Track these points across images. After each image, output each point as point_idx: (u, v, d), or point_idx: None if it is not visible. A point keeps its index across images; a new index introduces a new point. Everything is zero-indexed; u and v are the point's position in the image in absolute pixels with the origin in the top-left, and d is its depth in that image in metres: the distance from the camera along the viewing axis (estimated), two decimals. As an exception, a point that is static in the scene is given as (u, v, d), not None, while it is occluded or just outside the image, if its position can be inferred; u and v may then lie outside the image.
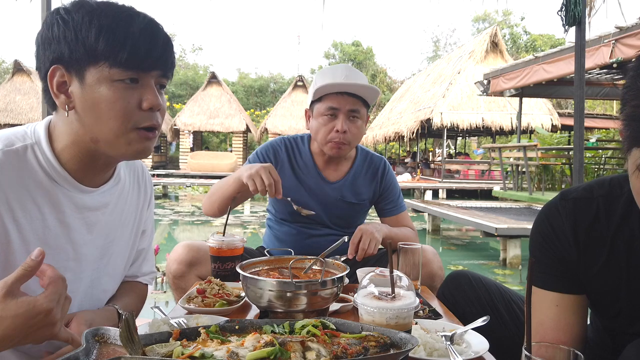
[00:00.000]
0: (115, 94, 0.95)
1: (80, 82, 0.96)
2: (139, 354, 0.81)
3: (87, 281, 1.13)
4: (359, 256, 1.74)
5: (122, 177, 1.20)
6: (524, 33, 35.07)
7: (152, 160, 20.76)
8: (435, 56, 39.67)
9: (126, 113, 0.97)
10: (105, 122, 0.97)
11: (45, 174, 1.01)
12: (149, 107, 0.99)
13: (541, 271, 1.08)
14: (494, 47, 16.77)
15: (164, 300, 4.08)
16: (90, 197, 1.09)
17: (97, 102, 0.96)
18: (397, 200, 2.12)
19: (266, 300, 1.19)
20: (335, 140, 1.90)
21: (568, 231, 1.04)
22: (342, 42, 36.78)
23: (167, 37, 1.01)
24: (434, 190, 14.80)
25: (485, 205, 9.01)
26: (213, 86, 21.98)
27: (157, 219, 9.90)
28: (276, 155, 2.03)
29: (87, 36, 0.93)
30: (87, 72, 0.95)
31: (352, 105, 1.88)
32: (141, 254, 1.34)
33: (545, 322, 1.05)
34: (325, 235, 2.03)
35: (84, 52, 0.94)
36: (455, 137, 24.30)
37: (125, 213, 1.22)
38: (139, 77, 0.98)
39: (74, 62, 0.95)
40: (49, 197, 1.01)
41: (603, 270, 1.02)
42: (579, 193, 1.07)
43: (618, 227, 1.00)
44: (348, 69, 1.92)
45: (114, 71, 0.94)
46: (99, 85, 0.95)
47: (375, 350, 0.85)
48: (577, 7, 3.19)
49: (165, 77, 1.04)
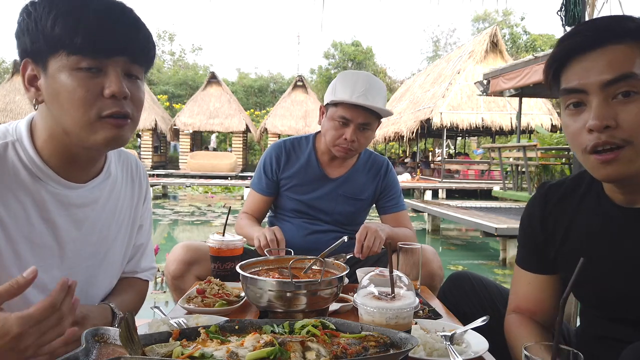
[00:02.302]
0: (73, 82, 0.92)
1: (44, 73, 0.94)
2: (138, 354, 0.81)
3: (81, 278, 1.11)
4: (364, 254, 1.75)
5: (113, 172, 1.18)
6: (523, 33, 35.08)
7: (151, 160, 20.76)
8: (435, 56, 39.69)
9: (86, 101, 0.93)
10: (67, 111, 0.94)
11: (27, 172, 0.99)
12: (110, 94, 0.94)
13: (520, 251, 1.25)
14: (494, 47, 16.77)
15: (163, 300, 4.08)
16: (76, 193, 1.07)
17: (58, 91, 0.93)
18: (398, 198, 2.16)
19: (266, 300, 1.19)
20: (342, 146, 1.94)
21: (538, 213, 1.19)
22: (342, 42, 36.75)
23: (135, 21, 0.96)
24: (434, 190, 14.80)
25: (485, 205, 9.01)
26: (213, 86, 21.94)
27: (157, 219, 9.89)
28: (278, 157, 2.10)
29: (45, 25, 0.90)
30: (49, 63, 0.93)
31: (365, 119, 1.91)
32: (139, 249, 1.32)
33: (519, 292, 1.23)
34: (325, 231, 2.07)
35: (44, 42, 0.91)
36: (455, 137, 24.30)
37: (119, 208, 1.19)
38: (102, 65, 0.93)
39: (36, 54, 0.94)
40: (32, 195, 0.99)
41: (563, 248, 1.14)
42: (553, 181, 1.22)
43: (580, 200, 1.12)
44: (369, 83, 1.89)
45: (72, 59, 0.91)
46: (59, 75, 0.92)
47: (375, 350, 0.85)
48: (576, 7, 3.19)
49: (135, 63, 0.98)
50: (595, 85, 0.93)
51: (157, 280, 4.62)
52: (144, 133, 20.45)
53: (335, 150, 1.97)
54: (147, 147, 20.72)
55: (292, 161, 2.10)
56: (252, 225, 2.04)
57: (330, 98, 1.94)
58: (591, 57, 0.95)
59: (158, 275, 4.63)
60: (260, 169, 2.12)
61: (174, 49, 48.18)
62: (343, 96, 1.87)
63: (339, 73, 2.03)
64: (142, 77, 1.03)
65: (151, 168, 20.19)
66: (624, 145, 0.92)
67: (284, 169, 2.08)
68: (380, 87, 1.94)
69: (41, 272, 1.01)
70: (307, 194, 2.08)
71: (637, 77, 0.90)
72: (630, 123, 0.90)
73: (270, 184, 2.10)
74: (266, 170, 2.10)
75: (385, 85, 2.01)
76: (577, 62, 0.97)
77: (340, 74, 2.00)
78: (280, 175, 2.09)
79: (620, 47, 0.93)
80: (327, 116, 1.97)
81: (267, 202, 2.15)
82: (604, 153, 0.93)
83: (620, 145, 0.92)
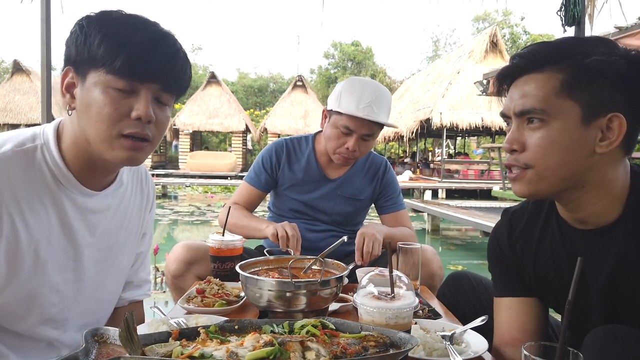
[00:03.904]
0: (105, 99, 0.97)
1: (82, 84, 0.99)
2: (138, 354, 0.81)
3: (91, 283, 1.14)
4: (365, 260, 1.77)
5: (125, 182, 1.22)
6: (523, 33, 35.05)
7: (151, 160, 20.75)
8: (434, 56, 39.67)
9: (112, 118, 0.98)
10: (93, 123, 0.99)
11: (51, 175, 1.03)
12: (137, 117, 0.99)
13: (495, 280, 1.25)
14: (494, 47, 16.77)
15: (163, 300, 4.08)
16: (92, 200, 1.11)
17: (90, 103, 0.98)
18: (397, 198, 2.16)
19: (266, 300, 1.19)
20: (343, 154, 1.93)
21: (506, 239, 1.21)
22: (342, 42, 36.74)
23: (176, 52, 1.02)
24: (434, 190, 14.79)
25: (484, 205, 9.01)
26: (212, 86, 21.94)
27: (157, 219, 9.88)
28: (278, 156, 2.09)
29: (93, 41, 0.97)
30: (88, 75, 0.98)
31: (368, 130, 1.89)
32: (139, 257, 1.35)
33: (502, 323, 1.20)
34: (324, 230, 2.07)
35: (87, 56, 0.97)
36: (454, 137, 24.29)
37: (127, 217, 1.23)
38: (135, 88, 0.99)
39: (78, 64, 0.99)
40: (53, 197, 1.03)
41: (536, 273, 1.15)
42: (516, 206, 1.24)
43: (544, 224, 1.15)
44: (375, 94, 1.86)
45: (109, 77, 0.97)
46: (95, 89, 0.98)
47: (374, 350, 0.85)
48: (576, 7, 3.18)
49: (166, 91, 1.03)
50: (511, 111, 1.02)
51: (157, 280, 4.62)
52: (144, 133, 20.40)
53: (335, 158, 1.96)
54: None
55: (292, 161, 2.10)
56: (252, 216, 2.04)
57: (334, 106, 1.90)
58: (518, 83, 1.02)
59: (158, 275, 4.63)
60: (260, 164, 2.10)
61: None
62: (348, 108, 1.85)
63: (346, 79, 1.98)
64: (171, 105, 1.08)
65: (151, 168, 20.18)
66: (527, 168, 1.00)
67: (284, 167, 2.08)
68: (387, 98, 1.92)
69: (56, 273, 1.04)
70: (306, 194, 2.08)
71: (538, 111, 0.97)
72: (532, 148, 0.98)
73: (269, 179, 2.09)
74: (266, 166, 2.09)
75: (391, 95, 1.98)
76: (512, 87, 1.04)
77: (346, 81, 1.95)
78: (279, 173, 2.09)
79: (539, 76, 0.98)
80: (330, 122, 1.94)
81: (261, 197, 2.14)
82: (512, 172, 1.03)
83: (524, 167, 1.00)
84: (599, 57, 0.94)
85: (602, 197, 0.99)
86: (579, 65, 0.95)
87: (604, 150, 0.95)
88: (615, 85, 0.93)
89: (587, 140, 0.95)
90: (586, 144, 0.95)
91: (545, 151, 0.97)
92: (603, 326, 0.95)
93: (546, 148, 0.96)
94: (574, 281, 0.78)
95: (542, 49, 1.01)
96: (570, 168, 0.97)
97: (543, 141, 0.97)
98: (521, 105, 0.99)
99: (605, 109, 0.93)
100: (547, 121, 0.96)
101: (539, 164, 0.98)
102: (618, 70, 0.93)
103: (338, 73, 35.17)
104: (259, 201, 2.15)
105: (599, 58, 0.94)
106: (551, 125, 0.96)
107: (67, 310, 1.09)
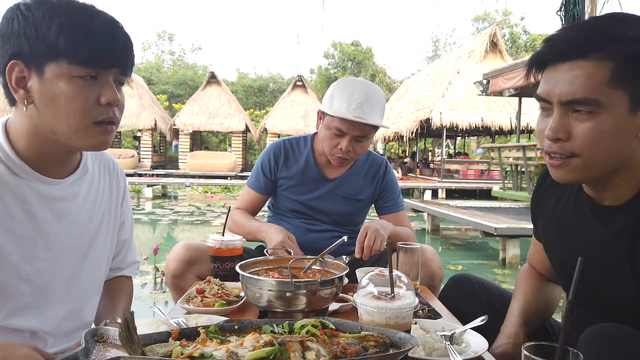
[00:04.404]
0: (74, 90, 0.97)
1: (39, 77, 0.98)
2: (138, 354, 0.81)
3: (66, 271, 1.14)
4: (365, 254, 1.73)
5: (90, 168, 1.21)
6: (523, 33, 35.05)
7: (151, 160, 20.75)
8: (434, 56, 39.67)
9: (85, 108, 0.99)
10: (64, 116, 0.99)
11: (5, 167, 1.02)
12: (107, 102, 1.01)
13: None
14: (494, 47, 16.77)
15: (163, 300, 4.08)
16: (56, 188, 1.10)
17: (56, 97, 0.98)
18: (397, 199, 2.16)
19: (265, 300, 1.19)
20: (338, 155, 1.93)
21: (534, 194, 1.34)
22: (342, 42, 36.73)
23: (127, 36, 1.04)
24: (434, 190, 14.80)
25: (484, 205, 9.01)
26: (212, 86, 21.93)
27: (157, 219, 9.89)
28: (276, 158, 2.09)
29: (47, 33, 0.94)
30: (46, 68, 0.97)
31: (360, 132, 1.88)
32: (124, 245, 1.37)
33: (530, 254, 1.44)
34: (324, 231, 2.07)
35: (44, 49, 0.95)
36: (454, 137, 24.30)
37: (98, 204, 1.23)
38: (98, 74, 1.00)
39: (33, 58, 0.97)
40: (11, 188, 1.03)
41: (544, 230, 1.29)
42: None
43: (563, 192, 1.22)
44: (366, 94, 1.85)
45: (73, 68, 0.96)
46: (58, 81, 0.97)
47: (374, 350, 0.85)
48: (576, 7, 3.18)
49: (124, 74, 1.06)
50: (556, 99, 0.99)
51: (157, 280, 4.62)
52: (144, 133, 20.42)
53: (332, 159, 1.96)
54: (146, 147, 20.71)
55: (291, 161, 2.10)
56: (254, 221, 2.04)
57: (326, 108, 1.91)
58: (560, 69, 0.98)
59: (158, 275, 4.63)
60: (259, 167, 2.11)
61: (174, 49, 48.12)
62: (339, 109, 1.84)
63: (337, 80, 1.97)
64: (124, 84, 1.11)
65: (151, 168, 20.18)
66: (572, 156, 0.99)
67: (282, 168, 2.08)
68: (379, 97, 1.90)
69: (25, 263, 1.04)
70: (306, 195, 2.08)
71: (590, 102, 0.94)
72: (580, 139, 0.97)
73: (269, 183, 2.10)
74: (264, 169, 2.09)
75: (384, 95, 1.97)
76: (550, 71, 1.01)
77: (338, 82, 1.95)
78: (278, 175, 2.09)
79: (586, 63, 0.94)
80: (324, 124, 1.94)
81: (263, 200, 2.15)
82: (554, 159, 1.02)
83: (569, 155, 0.99)
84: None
85: (630, 179, 1.02)
86: (629, 52, 0.92)
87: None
88: None
89: (632, 127, 0.95)
90: (632, 130, 0.95)
91: (594, 142, 0.95)
92: (597, 325, 0.95)
93: (595, 139, 0.95)
94: (574, 281, 0.78)
95: (585, 33, 0.97)
96: (615, 155, 0.98)
97: (593, 132, 0.95)
98: (570, 94, 0.96)
99: None
100: (598, 112, 0.94)
101: (586, 154, 0.97)
102: None
103: (338, 73, 35.18)
104: (262, 205, 2.17)
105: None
106: (602, 115, 0.94)
107: (43, 298, 1.09)
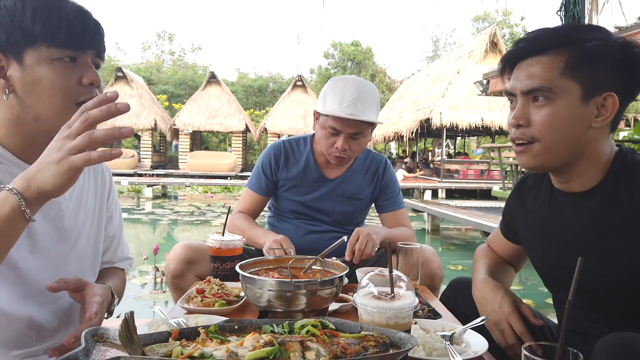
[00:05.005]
0: (55, 72, 0.99)
1: (19, 64, 0.99)
2: (138, 354, 0.81)
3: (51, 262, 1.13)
4: (356, 257, 1.75)
5: None
6: (523, 33, 34.96)
7: (151, 160, 20.75)
8: (434, 56, 39.68)
9: (67, 89, 1.01)
10: (47, 100, 1.00)
11: None
12: (89, 82, 1.03)
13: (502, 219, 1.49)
14: (494, 47, 16.77)
15: (163, 300, 4.08)
16: None
17: (38, 81, 0.99)
18: (397, 197, 2.16)
19: (265, 300, 1.19)
20: (335, 155, 1.93)
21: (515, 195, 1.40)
22: (342, 42, 36.75)
23: (96, 21, 1.07)
24: (433, 190, 14.79)
25: (484, 205, 9.02)
26: (212, 86, 21.93)
27: (157, 219, 9.89)
28: (276, 159, 2.09)
29: (22, 19, 0.96)
30: (25, 54, 0.99)
31: (355, 130, 1.88)
32: (114, 240, 1.37)
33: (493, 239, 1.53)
34: (324, 231, 2.07)
35: (21, 35, 0.97)
36: (454, 137, 24.29)
37: (84, 197, 1.24)
38: (77, 56, 1.02)
39: (11, 46, 0.98)
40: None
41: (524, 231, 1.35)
42: None
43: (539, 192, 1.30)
44: (358, 90, 1.85)
45: (52, 51, 0.98)
46: (39, 66, 0.99)
47: (374, 350, 0.85)
48: (576, 7, 3.18)
49: (99, 57, 1.08)
50: (518, 90, 1.13)
51: (157, 280, 4.62)
52: (144, 133, 20.41)
53: (330, 159, 1.97)
54: (146, 147, 20.70)
55: (291, 162, 2.09)
56: (255, 227, 2.04)
57: (320, 107, 1.92)
58: (523, 65, 1.12)
59: (158, 275, 4.63)
60: (259, 169, 2.11)
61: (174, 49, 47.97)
62: (332, 107, 1.85)
63: (330, 79, 1.99)
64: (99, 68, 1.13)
65: (151, 168, 20.18)
66: (533, 142, 1.11)
67: (283, 169, 2.08)
68: (371, 93, 1.90)
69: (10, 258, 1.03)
70: (306, 195, 2.08)
71: (545, 89, 1.07)
72: (538, 124, 1.09)
73: (269, 184, 2.10)
74: (265, 171, 2.09)
75: (377, 91, 1.97)
76: (516, 69, 1.15)
77: (330, 81, 1.96)
78: (278, 176, 2.09)
79: (544, 58, 1.09)
80: (319, 124, 1.95)
81: (264, 202, 2.15)
82: (518, 145, 1.14)
83: (530, 141, 1.11)
84: (597, 42, 1.05)
85: (591, 167, 1.12)
86: (580, 49, 1.06)
87: (599, 125, 1.08)
88: (610, 68, 1.05)
89: (585, 116, 1.07)
90: (585, 119, 1.07)
91: (550, 126, 1.08)
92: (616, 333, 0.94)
93: (551, 123, 1.08)
94: (574, 281, 0.78)
95: (546, 34, 1.11)
96: (572, 141, 1.09)
97: (549, 117, 1.08)
98: (529, 84, 1.09)
99: (602, 88, 1.05)
100: (552, 99, 1.07)
101: (544, 138, 1.09)
102: (614, 54, 1.04)
103: (338, 73, 35.17)
104: (263, 206, 2.17)
105: (597, 43, 1.05)
106: (555, 102, 1.07)
107: (28, 286, 1.09)
